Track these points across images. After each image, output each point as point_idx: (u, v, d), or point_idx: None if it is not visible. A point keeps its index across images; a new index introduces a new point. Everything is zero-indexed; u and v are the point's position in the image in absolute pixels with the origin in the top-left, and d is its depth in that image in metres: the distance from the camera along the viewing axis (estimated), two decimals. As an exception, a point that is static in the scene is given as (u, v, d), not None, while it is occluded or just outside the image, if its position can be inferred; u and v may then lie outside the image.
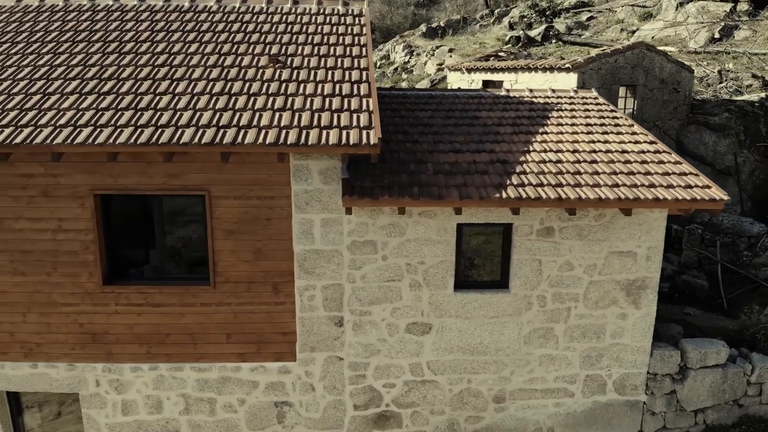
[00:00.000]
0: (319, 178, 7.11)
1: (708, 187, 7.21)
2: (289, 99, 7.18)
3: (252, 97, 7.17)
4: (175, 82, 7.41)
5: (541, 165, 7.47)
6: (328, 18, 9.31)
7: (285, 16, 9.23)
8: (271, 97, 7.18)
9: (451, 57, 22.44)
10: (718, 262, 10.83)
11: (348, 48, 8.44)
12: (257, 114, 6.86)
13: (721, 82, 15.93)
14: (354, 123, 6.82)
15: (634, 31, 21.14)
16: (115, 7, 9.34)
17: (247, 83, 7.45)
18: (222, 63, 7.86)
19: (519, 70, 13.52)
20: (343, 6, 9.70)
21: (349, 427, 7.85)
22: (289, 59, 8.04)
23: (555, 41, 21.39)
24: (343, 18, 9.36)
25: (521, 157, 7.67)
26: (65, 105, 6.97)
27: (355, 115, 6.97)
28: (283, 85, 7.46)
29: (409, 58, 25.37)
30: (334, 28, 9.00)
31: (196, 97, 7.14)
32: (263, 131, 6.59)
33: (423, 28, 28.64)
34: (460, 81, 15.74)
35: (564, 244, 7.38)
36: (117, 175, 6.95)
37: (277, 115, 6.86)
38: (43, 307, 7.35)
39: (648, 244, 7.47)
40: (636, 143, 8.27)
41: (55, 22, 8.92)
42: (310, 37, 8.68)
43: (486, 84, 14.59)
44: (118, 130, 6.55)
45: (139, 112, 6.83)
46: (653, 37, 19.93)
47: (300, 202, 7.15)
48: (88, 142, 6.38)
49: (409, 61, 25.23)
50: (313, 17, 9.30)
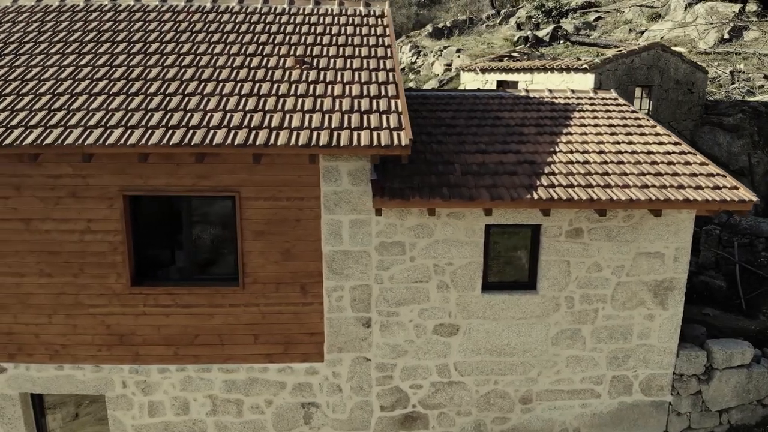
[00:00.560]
0: (348, 179, 7.10)
1: (736, 188, 7.22)
2: (318, 100, 7.17)
3: (281, 99, 7.16)
4: (203, 83, 7.40)
5: (568, 166, 7.47)
6: (351, 19, 9.30)
7: (307, 17, 9.21)
8: (300, 99, 7.17)
9: (459, 57, 22.43)
10: (736, 262, 10.84)
11: (372, 49, 8.44)
12: (287, 115, 6.85)
13: (733, 83, 15.95)
14: (384, 124, 6.82)
15: (642, 32, 21.15)
16: (136, 7, 9.31)
17: (275, 84, 7.44)
18: (249, 64, 7.85)
19: (534, 71, 13.50)
20: (364, 7, 9.69)
21: (375, 428, 7.84)
22: (315, 60, 8.04)
23: (563, 42, 21.38)
24: (365, 19, 9.35)
25: (548, 157, 7.67)
26: (94, 105, 6.95)
27: (384, 116, 6.97)
28: (311, 86, 7.45)
29: (416, 59, 25.35)
30: (357, 29, 8.98)
31: (225, 98, 7.13)
32: (294, 133, 6.57)
33: (429, 28, 28.60)
34: (474, 81, 15.72)
35: (593, 246, 7.38)
36: (147, 176, 6.93)
37: (307, 116, 6.85)
38: (70, 308, 7.32)
39: (676, 245, 7.47)
40: (660, 144, 8.28)
41: (78, 22, 8.90)
42: (334, 38, 8.67)
43: (500, 84, 14.57)
44: (150, 131, 6.53)
45: (169, 113, 6.82)
46: (662, 38, 19.94)
47: (329, 203, 7.14)
48: (120, 142, 6.37)
49: (416, 62, 25.22)
50: (336, 18, 9.29)
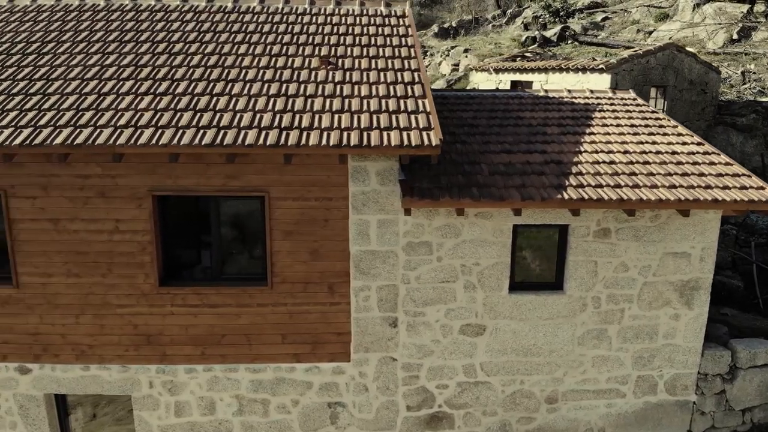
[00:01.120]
0: (377, 179, 7.11)
1: (762, 188, 7.24)
2: (346, 101, 7.17)
3: (309, 99, 7.16)
4: (230, 84, 7.40)
5: (595, 166, 7.48)
6: (372, 19, 9.31)
7: (329, 18, 9.22)
8: (327, 99, 7.18)
9: (467, 57, 22.45)
10: (753, 262, 10.87)
11: (396, 49, 8.44)
12: (317, 116, 6.85)
13: (744, 83, 15.98)
14: (413, 124, 6.83)
15: (650, 32, 21.19)
16: (158, 7, 9.31)
17: (302, 85, 7.44)
18: (274, 64, 7.85)
19: (549, 71, 13.52)
20: (385, 7, 9.70)
21: (401, 428, 7.85)
22: (340, 61, 8.04)
23: (571, 42, 21.41)
24: (386, 19, 9.36)
25: (574, 157, 7.68)
26: (122, 105, 6.94)
27: (413, 117, 6.97)
28: (338, 86, 7.45)
29: (423, 59, 25.35)
30: (380, 29, 9.00)
31: (253, 98, 7.13)
32: (325, 133, 6.58)
33: (435, 28, 28.63)
34: (487, 81, 15.74)
35: (620, 246, 7.39)
36: (176, 176, 6.93)
37: (336, 116, 6.86)
38: (97, 308, 7.31)
39: (702, 245, 7.49)
40: (684, 144, 8.30)
41: (99, 22, 8.89)
42: (357, 38, 8.68)
43: (514, 84, 14.59)
44: (180, 131, 6.53)
45: (198, 113, 6.82)
46: (671, 38, 19.98)
47: (357, 203, 7.15)
48: (152, 143, 6.37)
49: (422, 62, 25.21)
50: (357, 18, 9.29)
